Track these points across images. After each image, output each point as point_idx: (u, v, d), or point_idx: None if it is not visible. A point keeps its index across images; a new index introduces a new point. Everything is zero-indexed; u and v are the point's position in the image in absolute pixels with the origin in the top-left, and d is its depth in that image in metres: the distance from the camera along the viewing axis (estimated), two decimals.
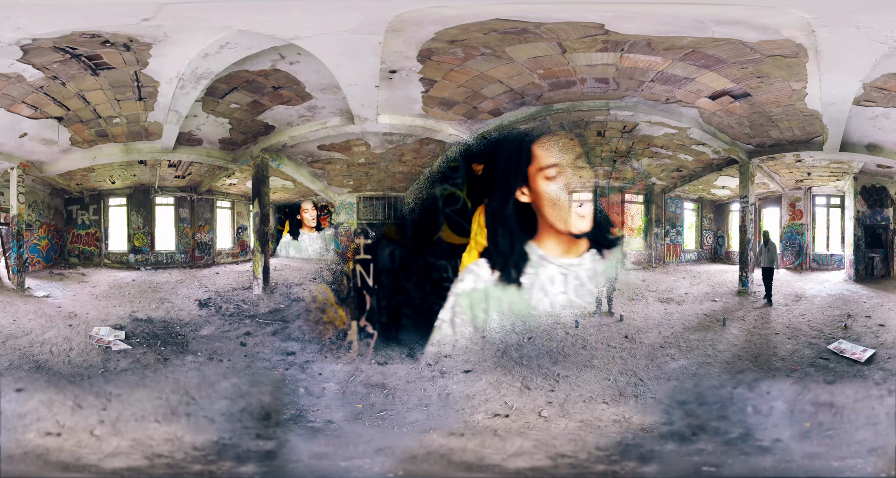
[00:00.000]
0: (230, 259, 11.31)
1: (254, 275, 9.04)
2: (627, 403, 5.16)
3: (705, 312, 8.30)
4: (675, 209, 11.70)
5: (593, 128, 8.62)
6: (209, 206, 10.99)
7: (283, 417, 4.95)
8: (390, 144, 8.97)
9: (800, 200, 11.09)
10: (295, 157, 9.51)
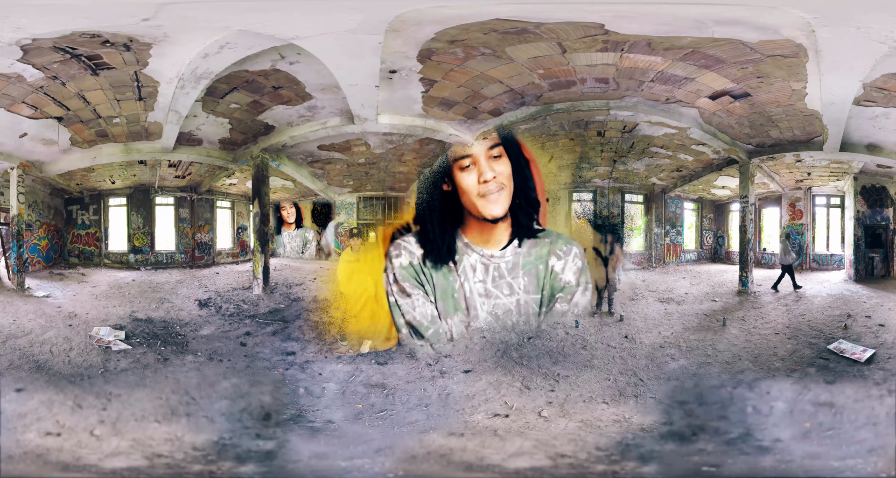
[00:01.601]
0: (230, 259, 11.31)
1: (254, 275, 9.05)
2: (627, 403, 5.16)
3: (705, 312, 8.30)
4: (675, 209, 11.70)
5: (593, 128, 8.63)
6: (209, 206, 10.99)
7: (283, 417, 4.95)
8: (390, 144, 8.97)
9: (800, 200, 11.09)
10: (295, 157, 9.51)
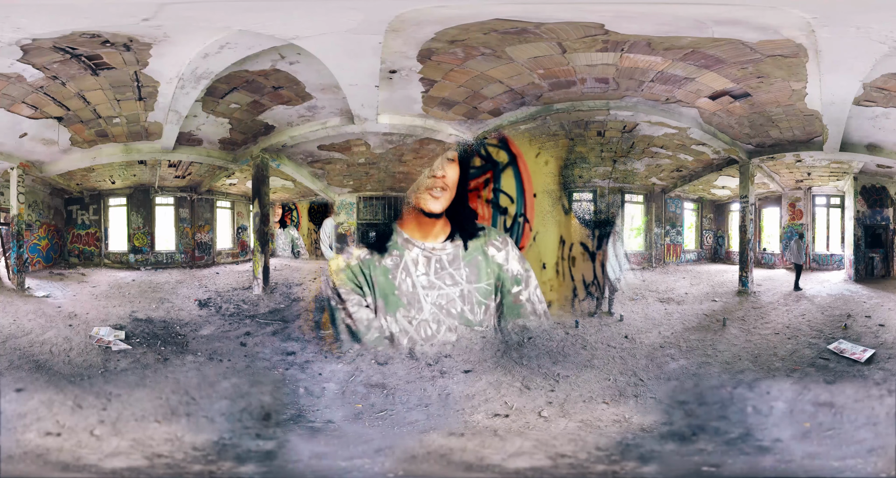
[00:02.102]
0: (230, 259, 11.30)
1: (254, 275, 9.05)
2: (627, 403, 5.16)
3: (705, 312, 8.30)
4: (674, 209, 11.70)
5: (593, 128, 8.63)
6: (209, 206, 10.98)
7: (283, 417, 4.95)
8: (390, 144, 8.97)
9: (800, 200, 11.09)
10: (295, 157, 9.51)
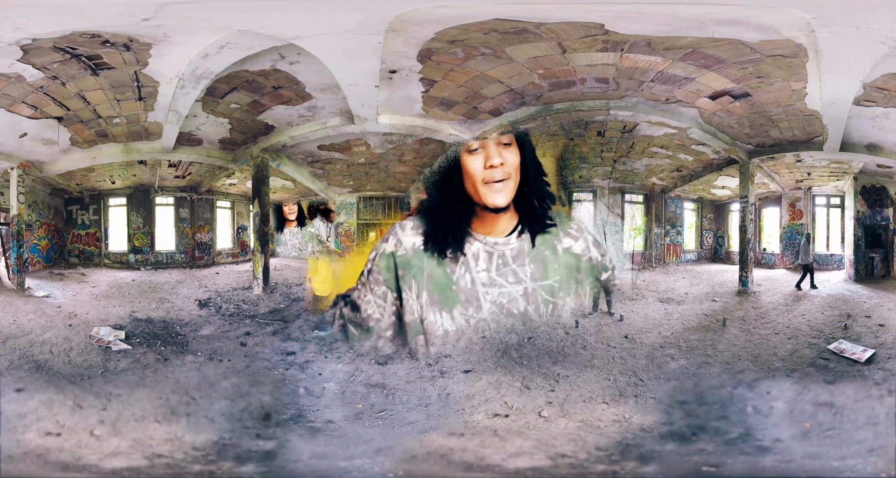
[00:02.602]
0: (230, 259, 11.30)
1: (254, 275, 9.05)
2: (627, 403, 5.15)
3: (705, 312, 8.30)
4: (675, 209, 11.70)
5: (593, 128, 8.63)
6: (209, 206, 10.98)
7: (283, 417, 4.95)
8: (390, 144, 8.97)
9: (800, 200, 11.08)
10: (295, 157, 9.51)
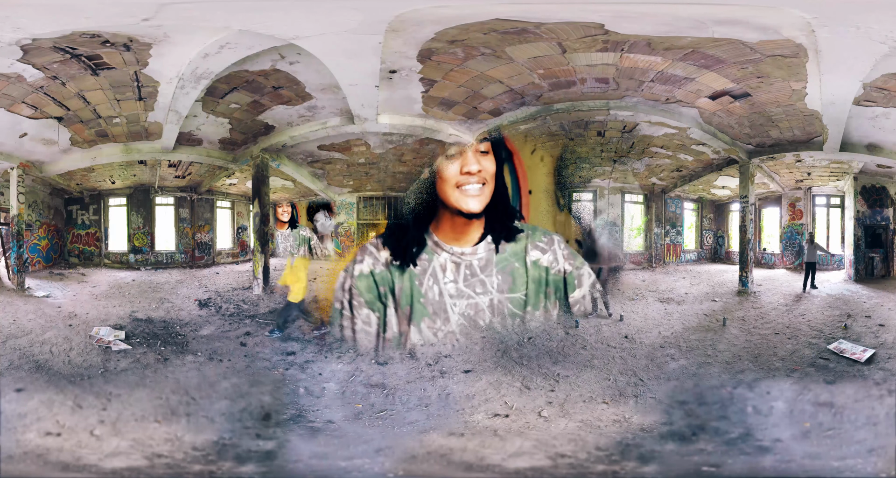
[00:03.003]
0: (230, 259, 11.30)
1: (254, 275, 9.05)
2: (627, 403, 5.15)
3: (705, 312, 8.30)
4: (675, 209, 11.71)
5: (593, 128, 8.63)
6: (209, 206, 10.98)
7: (283, 417, 4.95)
8: (390, 144, 8.97)
9: (800, 200, 11.09)
10: (295, 157, 9.51)
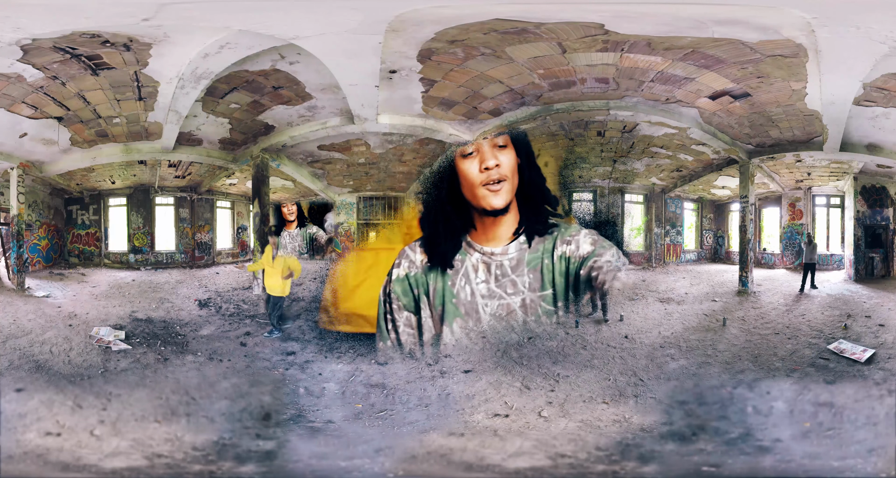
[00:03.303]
0: (230, 259, 11.30)
1: (254, 275, 9.04)
2: (627, 403, 5.16)
3: (705, 312, 8.30)
4: (675, 209, 11.71)
5: (593, 128, 8.63)
6: (209, 206, 10.98)
7: (283, 417, 4.95)
8: (390, 144, 8.97)
9: (800, 200, 11.09)
10: (295, 157, 9.51)
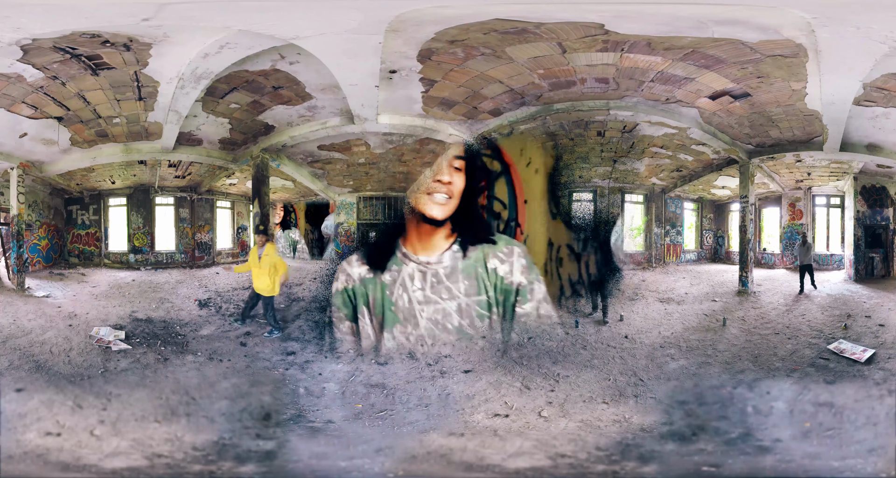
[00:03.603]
0: (230, 259, 11.31)
1: None
2: (627, 403, 5.16)
3: (705, 312, 8.30)
4: (675, 209, 11.71)
5: (593, 128, 8.63)
6: (209, 206, 10.99)
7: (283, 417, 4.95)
8: (390, 144, 8.97)
9: (800, 200, 11.09)
10: (295, 157, 9.51)
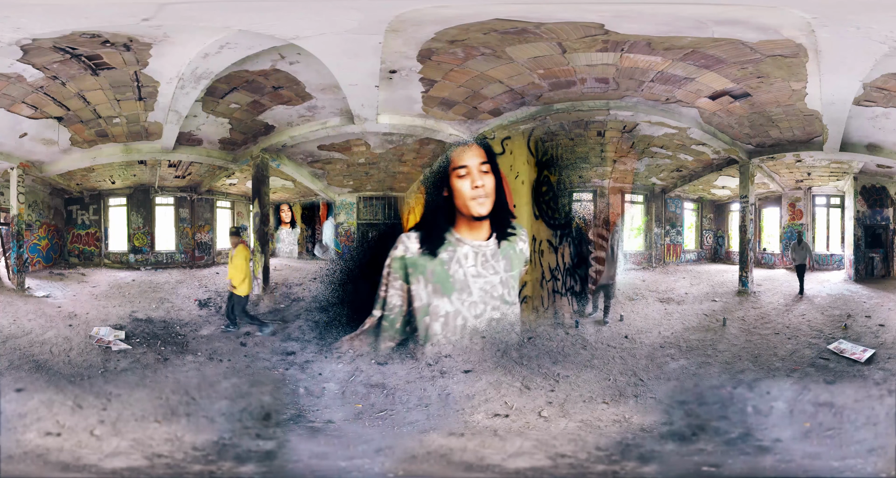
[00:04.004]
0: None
1: (254, 275, 9.04)
2: (627, 403, 5.16)
3: (705, 312, 8.31)
4: (675, 209, 11.71)
5: (593, 128, 8.63)
6: (209, 206, 10.99)
7: (283, 417, 4.95)
8: (390, 144, 8.97)
9: (800, 200, 11.09)
10: (295, 157, 9.51)
